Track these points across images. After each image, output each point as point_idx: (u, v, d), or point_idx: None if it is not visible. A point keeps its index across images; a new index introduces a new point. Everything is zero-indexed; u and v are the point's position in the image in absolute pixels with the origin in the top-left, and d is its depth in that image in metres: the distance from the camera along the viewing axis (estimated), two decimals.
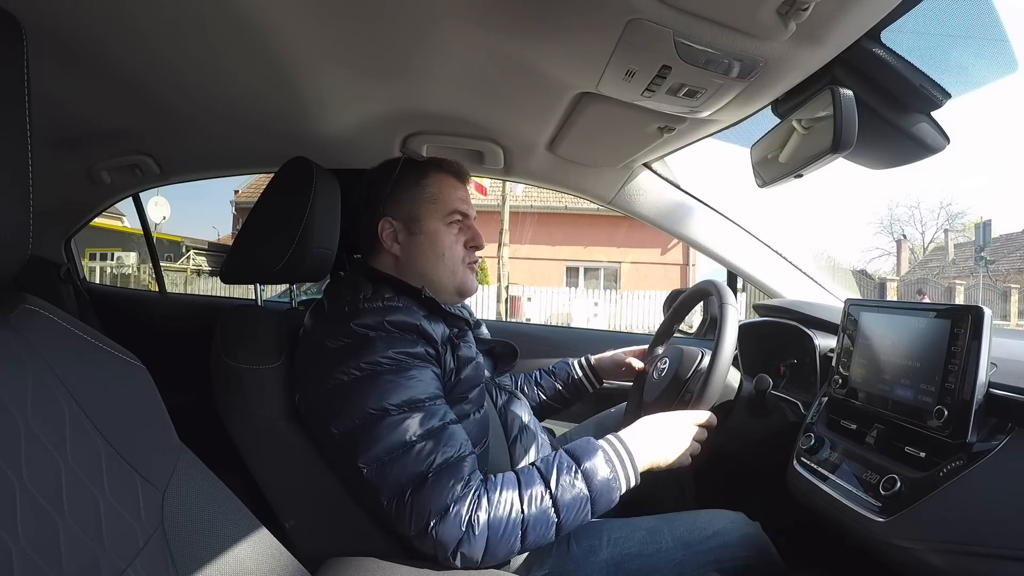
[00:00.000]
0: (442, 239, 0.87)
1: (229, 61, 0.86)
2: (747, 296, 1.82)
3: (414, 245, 0.87)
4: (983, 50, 0.74)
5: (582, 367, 1.19)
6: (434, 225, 0.87)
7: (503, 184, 9.52)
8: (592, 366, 1.18)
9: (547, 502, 0.68)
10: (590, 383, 1.18)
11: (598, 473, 0.70)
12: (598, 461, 0.71)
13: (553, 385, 1.18)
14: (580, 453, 0.72)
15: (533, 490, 0.68)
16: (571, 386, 1.18)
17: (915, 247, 21.59)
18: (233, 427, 0.79)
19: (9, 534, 0.37)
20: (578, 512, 0.69)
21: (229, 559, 0.57)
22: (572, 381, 1.18)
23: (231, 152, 1.38)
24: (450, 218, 0.88)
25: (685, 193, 1.30)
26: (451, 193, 0.89)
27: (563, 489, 0.69)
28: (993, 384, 0.62)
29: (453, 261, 0.88)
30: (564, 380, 1.18)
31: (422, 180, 0.89)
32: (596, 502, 0.70)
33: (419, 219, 0.87)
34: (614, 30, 0.65)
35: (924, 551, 0.60)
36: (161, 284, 2.06)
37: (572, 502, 0.68)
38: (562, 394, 1.18)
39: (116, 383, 0.54)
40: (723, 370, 0.83)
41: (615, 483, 0.71)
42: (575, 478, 0.69)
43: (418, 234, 0.87)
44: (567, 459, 0.72)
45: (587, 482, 0.70)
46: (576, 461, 0.71)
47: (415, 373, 0.72)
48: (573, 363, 1.20)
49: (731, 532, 0.85)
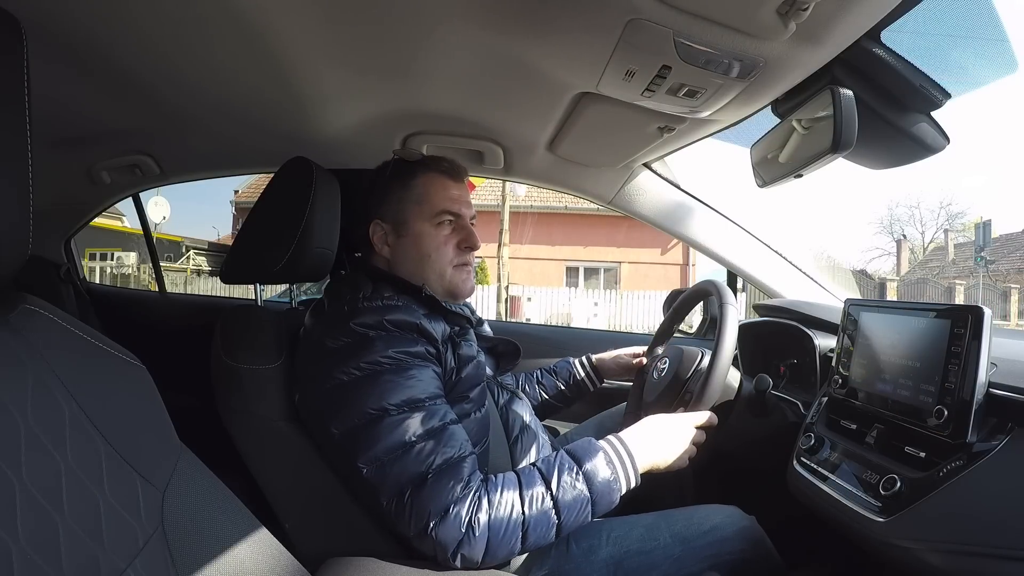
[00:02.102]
0: (428, 241, 0.85)
1: (229, 61, 0.86)
2: (747, 296, 1.82)
3: (402, 247, 0.86)
4: (983, 50, 0.74)
5: (583, 366, 1.19)
6: (420, 226, 0.85)
7: (503, 184, 9.52)
8: (593, 365, 1.19)
9: (548, 503, 0.68)
10: (591, 382, 1.18)
11: (599, 474, 0.70)
12: (599, 462, 0.71)
13: (555, 384, 1.19)
14: (581, 454, 0.72)
15: (534, 491, 0.68)
16: (572, 385, 1.18)
17: (915, 247, 21.57)
18: (233, 427, 0.79)
19: (9, 534, 0.37)
20: (579, 513, 0.69)
21: (229, 559, 0.57)
22: (573, 380, 1.18)
23: (231, 152, 1.38)
24: (439, 219, 0.85)
25: (685, 193, 1.30)
26: (440, 193, 0.86)
27: (564, 490, 0.69)
28: (993, 384, 0.62)
29: (441, 263, 0.86)
30: (565, 379, 1.19)
31: (410, 181, 0.87)
32: (597, 503, 0.70)
33: (406, 221, 0.85)
34: (614, 30, 0.65)
35: (924, 551, 0.60)
36: (161, 284, 2.06)
37: (573, 503, 0.68)
38: (564, 393, 1.18)
39: (116, 383, 0.54)
40: (723, 370, 0.83)
41: (616, 484, 0.71)
42: (576, 479, 0.69)
43: (405, 236, 0.85)
44: (568, 460, 0.72)
45: (588, 483, 0.70)
46: (577, 462, 0.71)
47: (415, 372, 0.72)
48: (574, 362, 1.20)
49: (728, 527, 0.85)
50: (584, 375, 1.18)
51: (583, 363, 1.19)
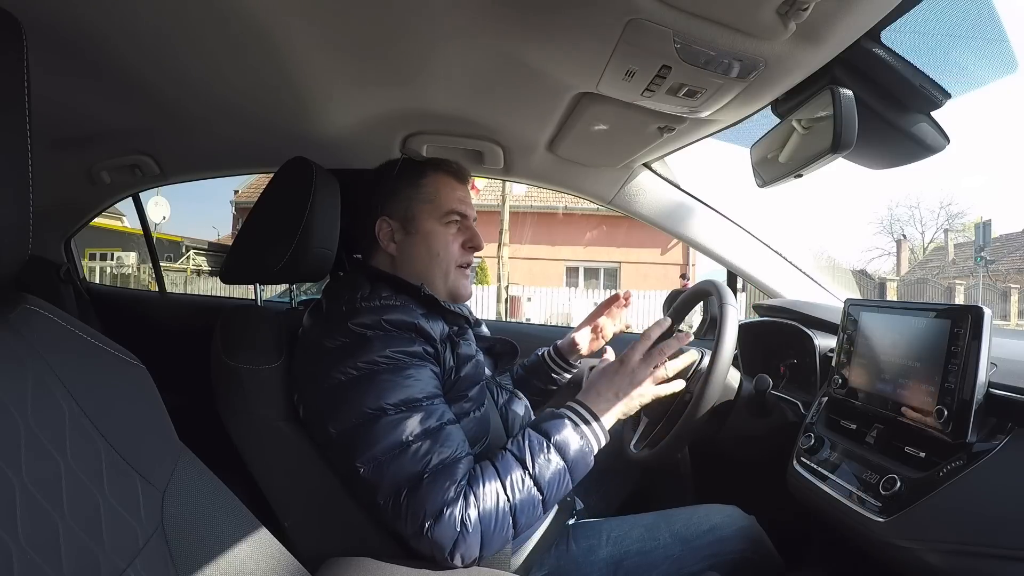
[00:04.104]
0: (438, 239, 0.87)
1: (230, 61, 0.86)
2: (747, 296, 1.82)
3: (410, 245, 0.87)
4: (983, 50, 0.74)
5: (547, 351, 1.16)
6: (430, 225, 0.87)
7: (503, 184, 9.52)
8: (558, 350, 1.15)
9: (528, 483, 0.70)
10: (558, 366, 1.14)
11: (571, 444, 0.73)
12: (567, 432, 0.73)
13: (523, 376, 1.16)
14: (548, 427, 0.74)
15: (513, 475, 0.70)
16: (542, 374, 1.15)
17: (915, 247, 21.58)
18: (233, 427, 0.79)
19: (9, 534, 0.37)
20: (559, 485, 0.71)
21: (229, 559, 0.57)
22: (542, 368, 1.15)
23: (231, 152, 1.38)
24: (447, 218, 0.88)
25: (685, 193, 1.30)
26: (449, 193, 0.89)
27: (540, 467, 0.70)
28: (993, 384, 0.62)
29: (447, 262, 0.88)
30: (534, 370, 1.16)
31: (420, 180, 0.89)
32: (573, 471, 0.72)
33: (415, 219, 0.87)
34: (614, 30, 0.64)
35: (924, 551, 0.60)
36: (161, 284, 2.06)
37: (552, 478, 0.71)
38: (535, 384, 1.15)
39: (116, 383, 0.54)
40: (723, 370, 0.83)
41: (587, 447, 0.74)
42: (550, 453, 0.71)
43: (414, 234, 0.87)
44: (537, 436, 0.73)
45: (562, 455, 0.72)
46: (546, 436, 0.73)
47: (413, 372, 0.72)
48: (542, 352, 1.17)
49: (727, 526, 0.85)
50: (549, 360, 1.14)
51: (548, 350, 1.16)
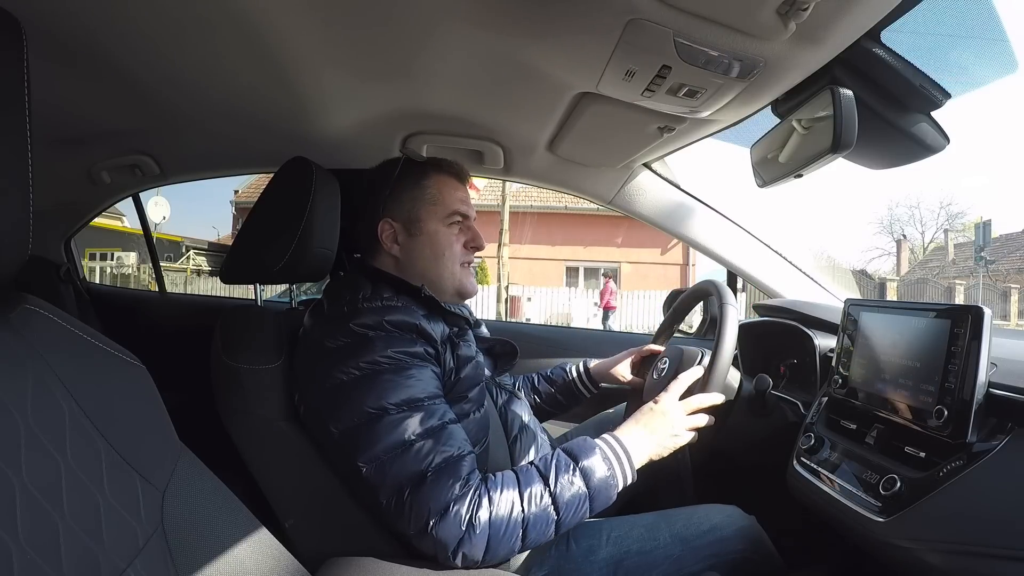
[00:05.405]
0: (442, 240, 0.88)
1: (229, 61, 0.86)
2: (747, 296, 1.82)
3: (414, 246, 0.87)
4: (983, 50, 0.74)
5: (579, 373, 1.17)
6: (434, 226, 0.87)
7: (503, 184, 9.52)
8: (590, 375, 1.16)
9: (546, 500, 0.68)
10: (587, 389, 1.16)
11: (596, 472, 0.71)
12: (596, 460, 0.72)
13: (549, 391, 1.17)
14: (578, 452, 0.73)
15: (533, 489, 0.68)
16: (568, 393, 1.17)
17: (915, 247, 21.57)
18: (233, 427, 0.79)
19: (9, 534, 0.37)
20: (577, 510, 0.69)
21: (229, 559, 0.57)
22: (569, 389, 1.17)
23: (231, 152, 1.38)
24: (450, 219, 0.88)
25: (685, 193, 1.30)
26: (451, 194, 0.89)
27: (562, 487, 0.69)
28: (993, 384, 0.62)
29: (452, 262, 0.88)
30: (561, 387, 1.17)
31: (423, 181, 0.89)
32: (594, 499, 0.70)
33: (419, 220, 0.87)
34: (614, 30, 0.64)
35: (924, 551, 0.60)
36: (161, 284, 2.06)
37: (571, 500, 0.69)
38: (558, 400, 1.17)
39: (116, 383, 0.54)
40: (723, 370, 0.83)
41: (612, 481, 0.72)
42: (574, 476, 0.70)
43: (418, 235, 0.87)
44: (565, 458, 0.72)
45: (585, 480, 0.70)
46: (574, 459, 0.72)
47: (414, 372, 0.72)
48: (570, 369, 1.18)
49: (728, 526, 0.85)
50: (579, 384, 1.16)
51: (579, 370, 1.17)
